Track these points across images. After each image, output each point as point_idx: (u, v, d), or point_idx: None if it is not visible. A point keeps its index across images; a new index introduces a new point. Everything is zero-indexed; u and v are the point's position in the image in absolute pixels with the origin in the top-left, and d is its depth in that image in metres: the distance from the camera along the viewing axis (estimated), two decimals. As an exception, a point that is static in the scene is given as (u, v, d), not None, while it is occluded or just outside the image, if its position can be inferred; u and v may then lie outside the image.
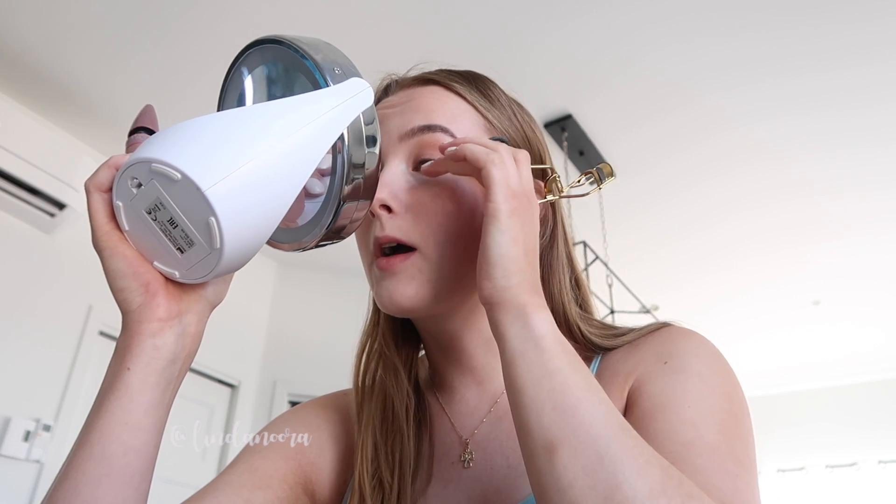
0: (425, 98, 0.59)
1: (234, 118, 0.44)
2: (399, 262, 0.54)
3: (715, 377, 0.51)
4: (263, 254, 3.56)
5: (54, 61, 2.42)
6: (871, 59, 2.34)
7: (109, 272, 0.45)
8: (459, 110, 0.59)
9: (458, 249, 0.55)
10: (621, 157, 2.87)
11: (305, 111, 0.45)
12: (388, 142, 0.57)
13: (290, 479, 0.59)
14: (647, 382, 0.52)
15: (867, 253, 3.59)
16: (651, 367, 0.53)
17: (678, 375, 0.51)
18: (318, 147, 0.45)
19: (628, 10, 2.16)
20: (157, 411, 0.45)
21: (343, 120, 0.46)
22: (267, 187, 0.42)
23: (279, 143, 0.43)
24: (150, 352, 0.44)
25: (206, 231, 0.41)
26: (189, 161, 0.40)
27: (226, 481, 0.57)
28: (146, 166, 0.41)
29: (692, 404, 0.48)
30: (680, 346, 0.54)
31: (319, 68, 0.47)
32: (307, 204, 0.50)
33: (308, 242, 0.49)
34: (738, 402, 0.50)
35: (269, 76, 0.51)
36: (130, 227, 0.45)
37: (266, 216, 0.43)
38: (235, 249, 0.42)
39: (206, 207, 0.40)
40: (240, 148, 0.42)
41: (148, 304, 0.44)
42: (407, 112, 0.58)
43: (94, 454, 0.42)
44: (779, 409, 5.25)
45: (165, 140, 0.42)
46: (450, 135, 0.56)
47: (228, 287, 0.50)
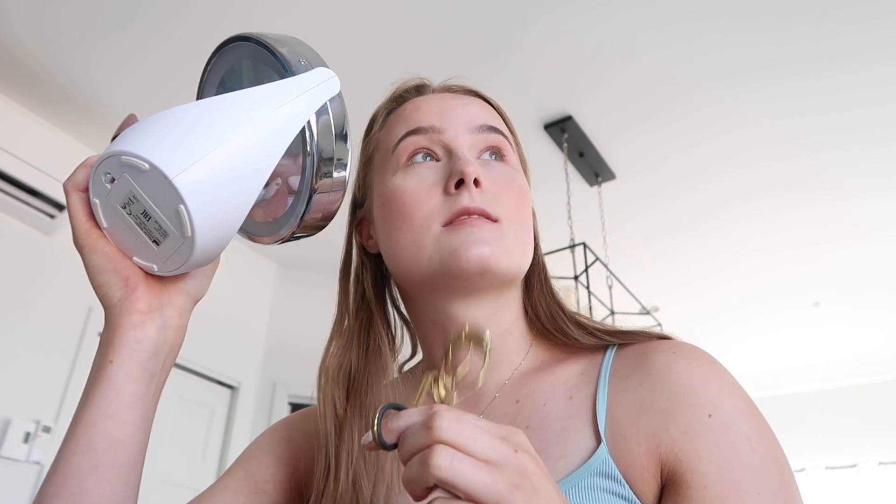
0: (482, 105, 0.65)
1: (200, 108, 0.45)
2: (489, 225, 0.56)
3: (762, 439, 0.49)
4: (263, 255, 3.57)
5: (53, 62, 2.42)
6: (873, 60, 2.34)
7: (90, 269, 0.46)
8: (503, 126, 0.65)
9: (524, 233, 0.59)
10: (621, 158, 2.87)
11: (271, 98, 0.46)
12: (456, 129, 0.60)
13: (285, 484, 0.60)
14: (692, 440, 0.48)
15: (867, 254, 3.59)
16: (688, 413, 0.50)
17: (727, 439, 0.48)
18: (286, 133, 0.45)
19: (628, 10, 2.16)
20: (142, 403, 0.45)
21: (310, 106, 0.47)
22: (235, 173, 0.43)
23: (246, 129, 0.44)
24: (132, 344, 0.45)
25: (176, 220, 0.42)
26: (156, 151, 0.41)
27: (223, 486, 0.58)
28: (116, 160, 0.42)
29: (754, 490, 0.46)
30: (712, 391, 0.51)
31: (285, 60, 0.48)
32: (289, 199, 0.50)
33: (285, 234, 0.50)
34: (788, 466, 0.49)
35: (239, 73, 0.52)
36: (108, 224, 0.46)
37: (236, 202, 0.44)
38: (207, 237, 0.43)
39: (175, 196, 0.41)
40: (206, 136, 0.42)
41: (128, 297, 0.45)
42: (471, 107, 0.63)
43: (81, 447, 0.43)
44: (779, 410, 5.24)
45: (134, 134, 0.43)
46: (508, 142, 0.63)
47: (210, 281, 0.51)
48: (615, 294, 2.95)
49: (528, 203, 0.62)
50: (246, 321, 3.50)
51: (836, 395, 5.32)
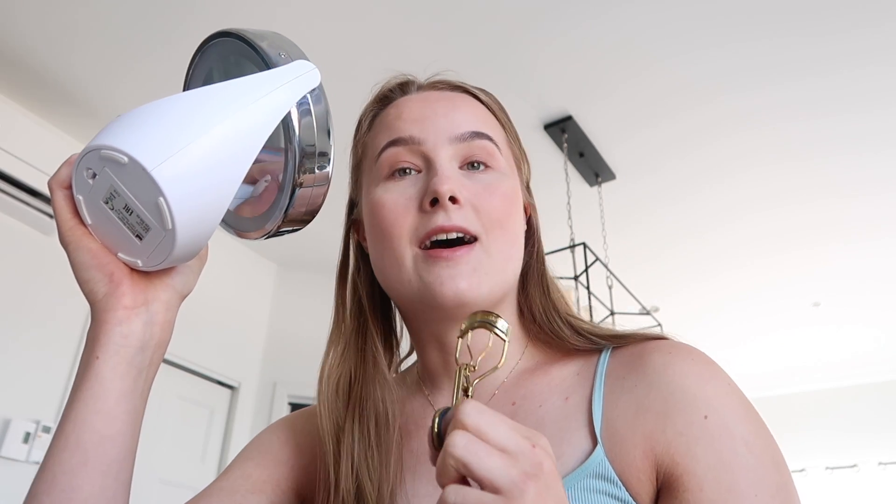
0: (469, 106, 0.62)
1: (180, 101, 0.45)
2: (465, 254, 0.55)
3: (758, 440, 0.49)
4: (263, 255, 3.57)
5: (55, 64, 2.43)
6: (873, 64, 2.34)
7: (75, 265, 0.46)
8: (495, 124, 0.63)
9: (508, 246, 0.58)
10: (621, 159, 2.87)
11: (250, 89, 0.46)
12: (437, 139, 0.58)
13: (283, 485, 0.60)
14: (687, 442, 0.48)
15: (867, 255, 3.59)
16: (684, 415, 0.49)
17: (724, 441, 0.48)
18: (265, 124, 0.45)
19: (631, 13, 2.16)
20: (129, 399, 0.45)
21: (290, 98, 0.47)
22: (215, 165, 0.43)
23: (225, 120, 0.43)
24: (118, 340, 0.45)
25: (157, 213, 0.41)
26: (135, 144, 0.41)
27: (220, 487, 0.57)
28: (97, 154, 0.42)
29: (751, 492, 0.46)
30: (709, 392, 0.51)
31: (265, 53, 0.48)
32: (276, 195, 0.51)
33: (271, 228, 0.50)
34: (785, 467, 0.49)
35: (223, 68, 0.52)
36: (93, 221, 0.45)
37: (217, 194, 0.44)
38: (188, 229, 0.42)
39: (154, 188, 0.40)
40: (184, 127, 0.42)
41: (113, 293, 0.45)
42: (454, 114, 0.60)
43: (70, 444, 0.43)
44: (779, 410, 5.24)
45: (113, 128, 0.43)
46: (495, 146, 0.60)
47: (198, 277, 0.51)
48: (615, 294, 2.95)
49: (515, 207, 0.60)
50: (246, 321, 3.50)
51: (836, 395, 5.32)
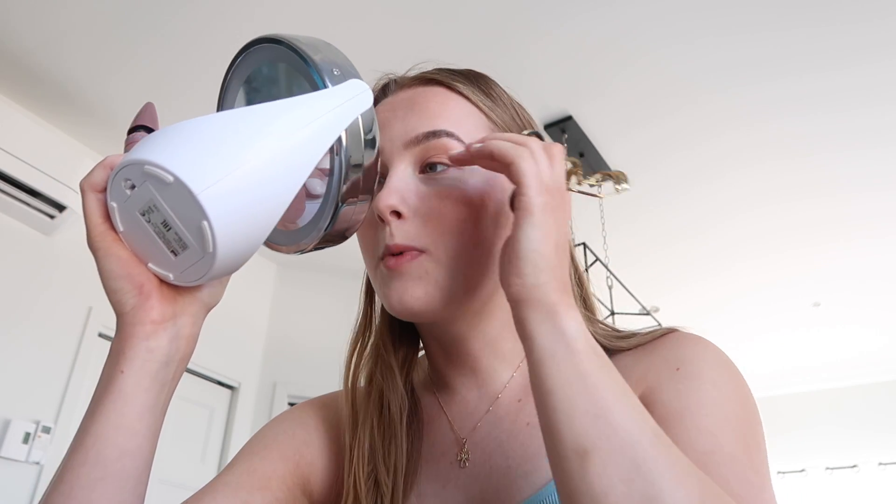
0: (428, 101, 0.57)
1: (229, 120, 0.43)
2: (407, 262, 0.53)
3: (728, 384, 0.50)
4: (263, 255, 3.56)
5: (53, 63, 2.42)
6: (874, 59, 2.34)
7: (103, 273, 0.44)
8: (463, 112, 0.57)
9: (468, 252, 0.54)
10: (621, 158, 2.87)
11: (303, 113, 0.44)
12: (392, 148, 0.55)
13: (288, 480, 0.59)
14: (659, 390, 0.51)
15: (867, 255, 3.58)
16: (662, 373, 0.52)
17: (692, 382, 0.50)
18: (315, 150, 0.44)
19: (628, 10, 2.16)
20: (151, 414, 0.44)
21: (341, 122, 0.45)
22: (262, 191, 0.41)
23: (275, 145, 0.42)
24: (143, 355, 0.44)
25: (198, 235, 0.40)
26: (182, 164, 0.39)
27: (224, 482, 0.56)
28: (139, 168, 0.41)
29: (708, 413, 0.47)
30: (690, 352, 0.53)
31: (318, 69, 0.46)
32: (308, 205, 0.49)
33: (307, 245, 0.49)
34: (753, 410, 0.50)
35: (267, 76, 0.50)
36: (125, 228, 0.44)
37: (261, 221, 0.42)
38: (229, 254, 0.41)
39: (199, 211, 0.39)
40: (234, 151, 0.41)
41: (142, 305, 0.44)
42: (410, 117, 0.56)
43: (89, 458, 0.42)
44: (779, 411, 5.24)
45: (159, 141, 0.41)
46: (455, 138, 0.55)
47: (224, 289, 0.50)
48: (615, 294, 2.95)
49: (476, 211, 0.54)
50: (246, 321, 3.50)
51: (836, 396, 5.31)
